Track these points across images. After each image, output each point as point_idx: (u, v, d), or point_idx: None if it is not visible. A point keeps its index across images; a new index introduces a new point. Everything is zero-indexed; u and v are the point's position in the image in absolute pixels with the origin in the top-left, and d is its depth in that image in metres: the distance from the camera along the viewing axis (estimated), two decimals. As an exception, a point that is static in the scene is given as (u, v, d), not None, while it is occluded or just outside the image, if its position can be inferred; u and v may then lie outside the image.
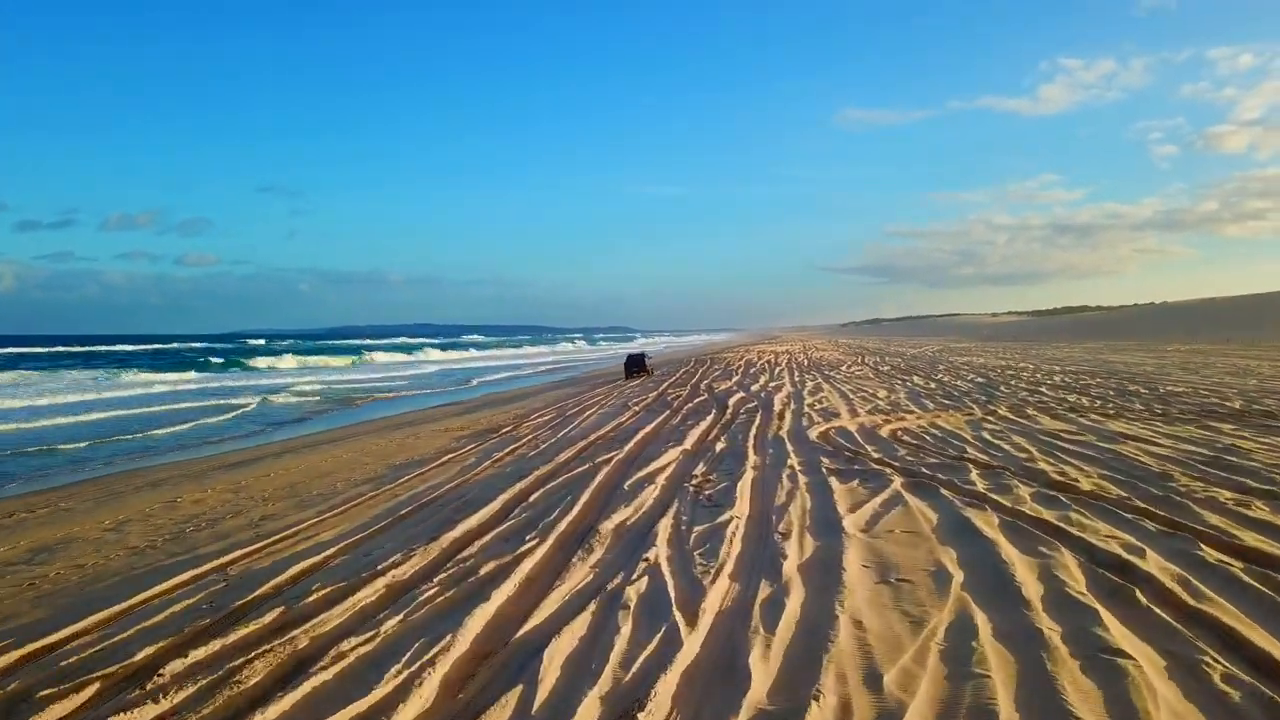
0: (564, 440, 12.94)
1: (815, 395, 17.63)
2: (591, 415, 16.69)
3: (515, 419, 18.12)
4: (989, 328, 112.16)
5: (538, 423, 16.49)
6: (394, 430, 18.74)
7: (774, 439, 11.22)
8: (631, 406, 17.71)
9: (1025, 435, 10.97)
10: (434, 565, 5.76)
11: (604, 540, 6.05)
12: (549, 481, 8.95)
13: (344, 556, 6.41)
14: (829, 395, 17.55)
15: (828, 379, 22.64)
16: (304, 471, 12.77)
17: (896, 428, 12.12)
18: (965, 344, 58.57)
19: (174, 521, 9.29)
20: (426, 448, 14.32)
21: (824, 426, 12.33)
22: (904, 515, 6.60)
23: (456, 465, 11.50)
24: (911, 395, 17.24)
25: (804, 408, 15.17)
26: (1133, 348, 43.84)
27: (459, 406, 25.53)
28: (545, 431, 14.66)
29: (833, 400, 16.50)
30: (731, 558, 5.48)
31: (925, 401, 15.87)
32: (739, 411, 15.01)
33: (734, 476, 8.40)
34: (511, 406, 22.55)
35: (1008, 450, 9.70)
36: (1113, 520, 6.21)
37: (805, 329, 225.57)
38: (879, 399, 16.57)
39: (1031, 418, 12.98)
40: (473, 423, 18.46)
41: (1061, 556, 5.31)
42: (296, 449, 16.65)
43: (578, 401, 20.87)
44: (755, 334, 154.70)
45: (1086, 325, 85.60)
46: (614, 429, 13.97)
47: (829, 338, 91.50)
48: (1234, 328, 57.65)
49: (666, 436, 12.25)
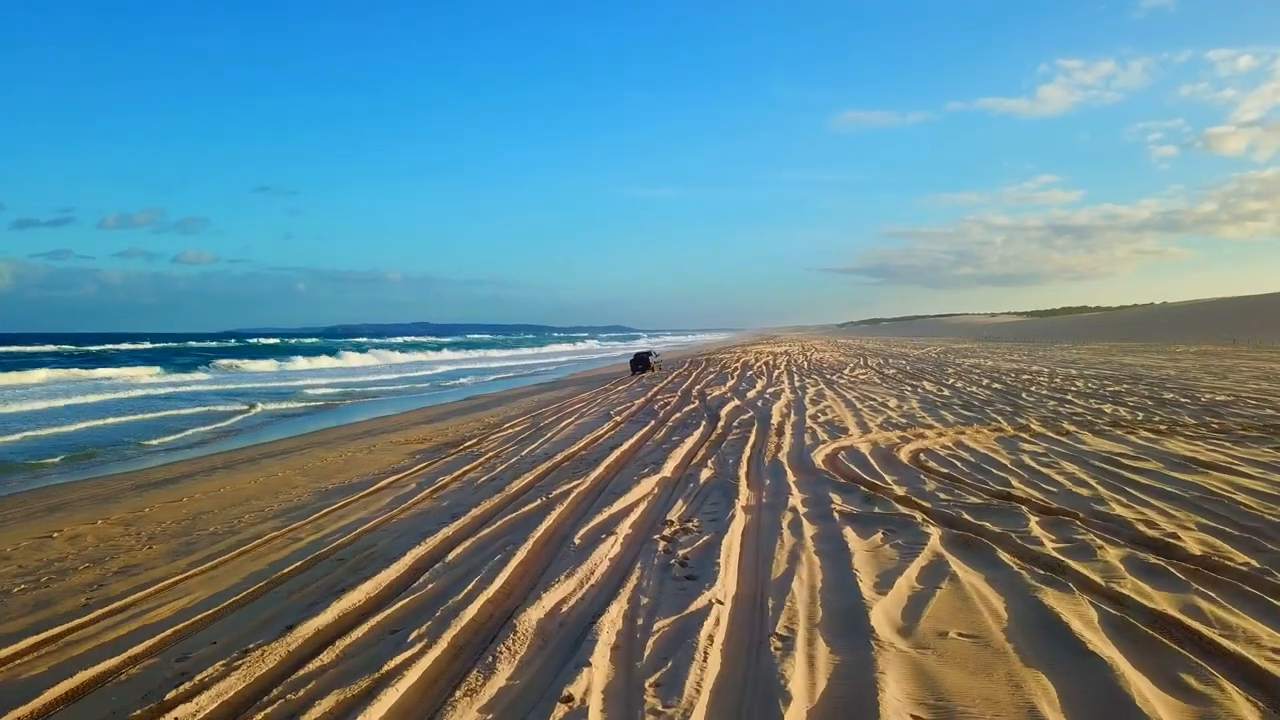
0: (526, 461, 10.94)
1: (818, 405, 15.61)
2: (568, 426, 14.68)
3: (484, 429, 16.12)
4: (988, 328, 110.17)
5: (506, 435, 14.48)
6: (352, 441, 16.72)
7: (772, 464, 9.19)
8: (614, 416, 15.70)
9: (1076, 460, 8.95)
10: (251, 693, 3.74)
11: (518, 647, 4.03)
12: (484, 526, 6.93)
13: (148, 662, 4.39)
14: (833, 405, 15.52)
15: (830, 385, 20.61)
16: (221, 497, 10.75)
17: (918, 448, 10.10)
18: (968, 345, 56.54)
19: (12, 573, 7.27)
20: (371, 466, 12.31)
21: (831, 446, 10.31)
22: (956, 599, 4.59)
23: (391, 494, 9.49)
24: (926, 405, 15.23)
25: (806, 420, 13.15)
26: (1141, 349, 41.82)
27: (436, 411, 23.50)
28: (510, 447, 12.65)
29: (838, 411, 14.48)
30: (703, 694, 3.46)
31: (943, 413, 13.85)
32: (732, 425, 12.99)
33: (719, 524, 6.38)
34: (488, 413, 20.54)
35: (1062, 483, 7.68)
36: (1265, 615, 4.21)
37: (803, 329, 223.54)
38: (890, 410, 14.55)
39: (1073, 435, 10.96)
40: (438, 433, 16.46)
41: (1229, 701, 3.29)
42: (235, 464, 14.62)
43: (559, 409, 18.86)
44: (753, 334, 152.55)
45: (1087, 326, 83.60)
46: (588, 445, 11.96)
47: (827, 338, 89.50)
48: (1235, 329, 55.75)
49: (645, 458, 10.23)
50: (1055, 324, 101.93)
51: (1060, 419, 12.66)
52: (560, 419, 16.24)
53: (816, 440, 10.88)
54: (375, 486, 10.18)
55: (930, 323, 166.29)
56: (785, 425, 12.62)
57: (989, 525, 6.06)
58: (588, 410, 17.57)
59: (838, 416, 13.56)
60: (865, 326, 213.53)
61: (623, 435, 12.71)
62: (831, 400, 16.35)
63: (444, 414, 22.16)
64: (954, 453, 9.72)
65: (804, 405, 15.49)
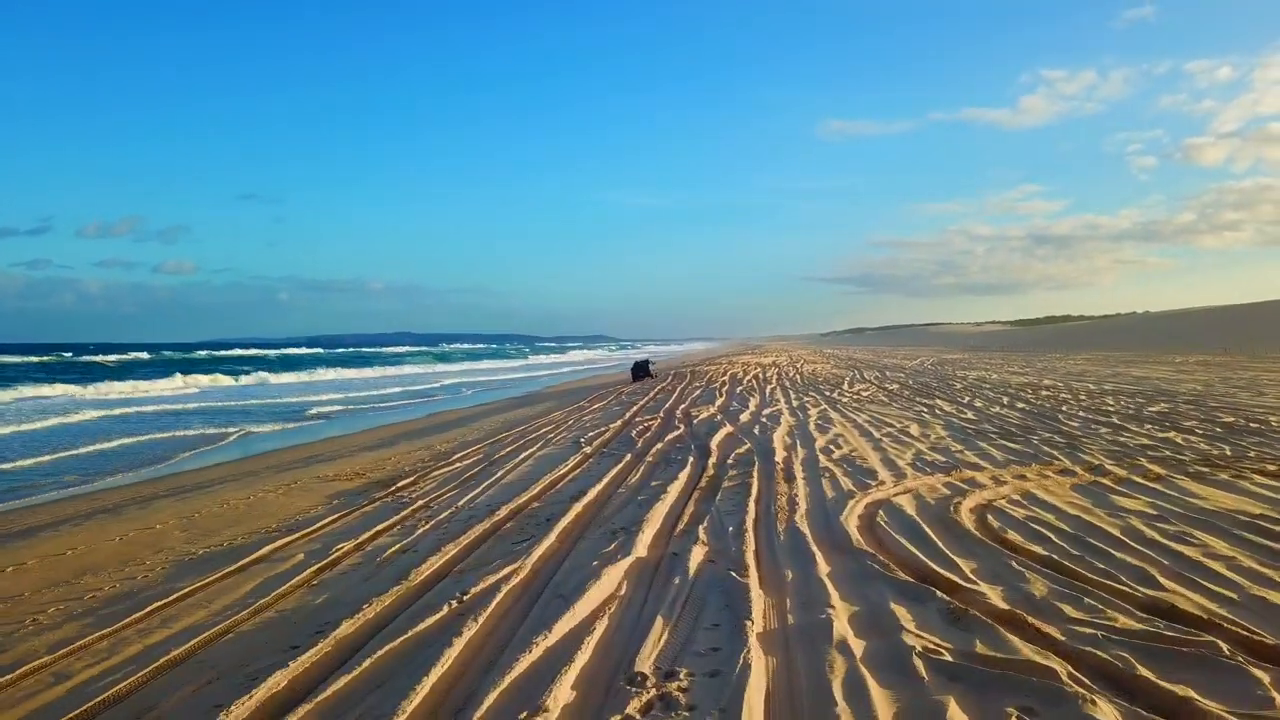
0: (460, 517, 8.25)
1: (826, 433, 12.99)
2: (526, 461, 12.00)
3: (431, 460, 13.42)
4: (974, 337, 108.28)
5: (452, 470, 11.80)
6: (277, 474, 13.97)
7: (789, 534, 6.54)
8: (584, 445, 13.03)
9: (1209, 526, 6.35)
10: None
11: None
12: (337, 673, 4.24)
13: None
14: (845, 433, 12.91)
15: (833, 404, 18.01)
16: (56, 566, 7.99)
17: (978, 504, 7.48)
18: (959, 355, 54.25)
19: None
20: (272, 517, 9.61)
21: (862, 501, 7.67)
22: None
23: (265, 572, 6.79)
24: (956, 433, 12.63)
25: (818, 455, 10.53)
26: (1139, 360, 39.52)
27: (390, 431, 20.72)
28: (449, 491, 9.97)
29: (853, 441, 11.86)
30: None
31: (982, 445, 11.26)
32: (726, 462, 10.34)
33: (724, 682, 3.74)
34: (444, 436, 17.81)
35: (1230, 578, 5.05)
36: None
37: (787, 339, 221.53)
38: (915, 440, 11.95)
39: (1167, 480, 8.39)
40: (377, 464, 13.75)
41: None
42: (123, 506, 11.80)
43: (523, 433, 16.18)
44: (736, 344, 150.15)
45: (1074, 335, 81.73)
46: (543, 492, 9.29)
47: (814, 348, 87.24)
48: (1221, 339, 53.89)
49: (613, 518, 7.56)
50: (1041, 333, 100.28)
51: (1131, 454, 10.10)
52: (521, 448, 13.56)
53: (839, 489, 8.25)
54: (255, 555, 7.47)
55: (915, 332, 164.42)
56: (794, 463, 9.99)
57: (1193, 694, 3.44)
58: (556, 435, 14.90)
59: (856, 451, 10.94)
60: (849, 335, 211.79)
61: (590, 476, 10.04)
62: (841, 426, 13.74)
63: (397, 436, 19.41)
64: (1031, 512, 7.10)
65: (810, 433, 12.87)
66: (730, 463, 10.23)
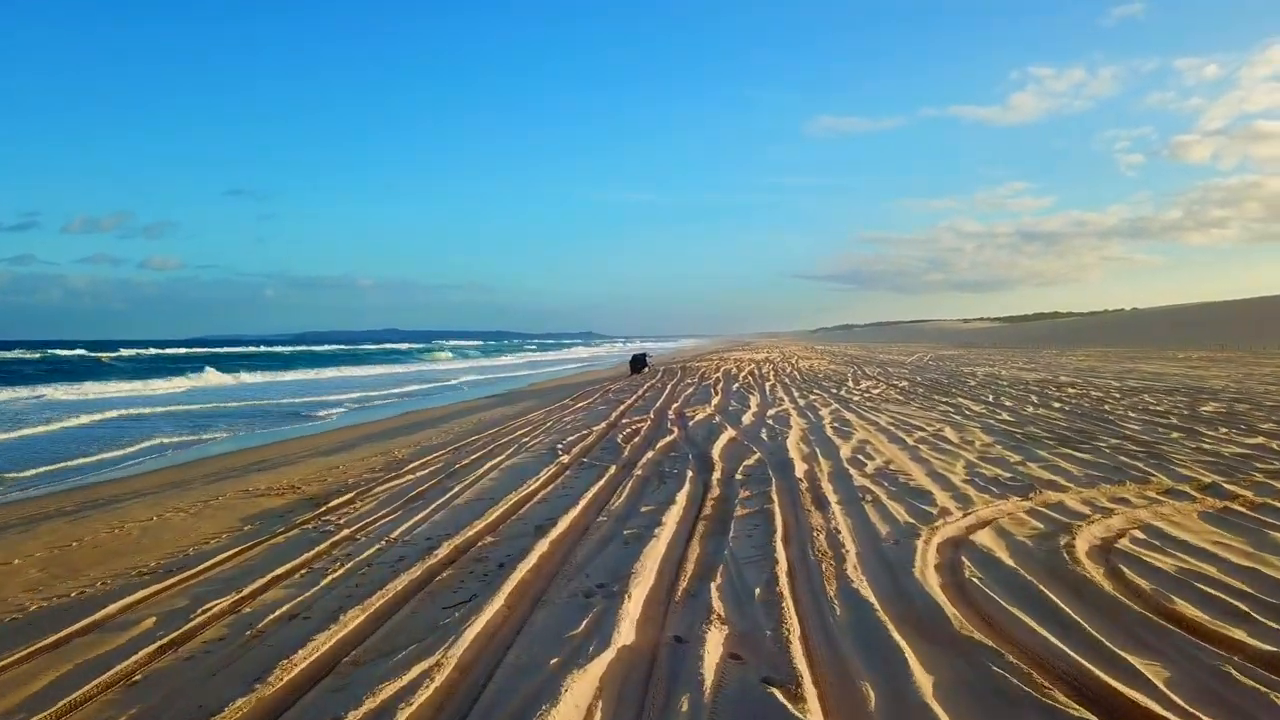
0: (388, 559, 6.11)
1: (848, 437, 10.89)
2: (491, 473, 9.86)
3: (383, 469, 11.28)
4: (964, 334, 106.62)
5: (402, 485, 9.67)
6: (205, 485, 11.80)
7: (845, 604, 4.41)
8: (560, 452, 10.91)
9: None
10: None
11: None
12: None
13: None
14: (871, 438, 10.81)
15: (845, 403, 15.92)
16: None
17: (1092, 544, 5.37)
18: (956, 351, 52.32)
19: None
20: (159, 550, 7.46)
21: (930, 540, 5.56)
22: None
23: (96, 648, 4.62)
24: (1001, 437, 10.55)
25: (847, 467, 8.42)
26: (1143, 356, 37.62)
27: (352, 434, 18.52)
28: (388, 515, 7.82)
29: (884, 448, 9.77)
30: None
31: (1040, 452, 9.18)
32: (734, 478, 8.22)
33: None
34: (407, 439, 15.65)
35: None
36: None
37: (776, 335, 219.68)
38: (956, 445, 9.87)
39: (1315, 506, 6.35)
40: (319, 475, 11.61)
41: None
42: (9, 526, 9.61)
43: (494, 436, 14.05)
44: (725, 340, 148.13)
45: (1066, 332, 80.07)
46: (502, 520, 7.15)
47: (805, 344, 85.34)
48: (1214, 335, 52.29)
49: (588, 565, 5.43)
50: (1030, 329, 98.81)
51: (1237, 467, 8.04)
52: (489, 455, 11.43)
53: (893, 520, 6.14)
54: (93, 618, 5.30)
55: (904, 328, 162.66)
56: (820, 479, 7.87)
57: None
58: (531, 440, 12.77)
59: (893, 462, 8.84)
60: (839, 332, 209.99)
61: (564, 496, 7.91)
62: (863, 430, 11.65)
63: (359, 438, 17.22)
64: (1178, 560, 5.00)
65: (829, 438, 10.78)
66: (739, 479, 8.12)
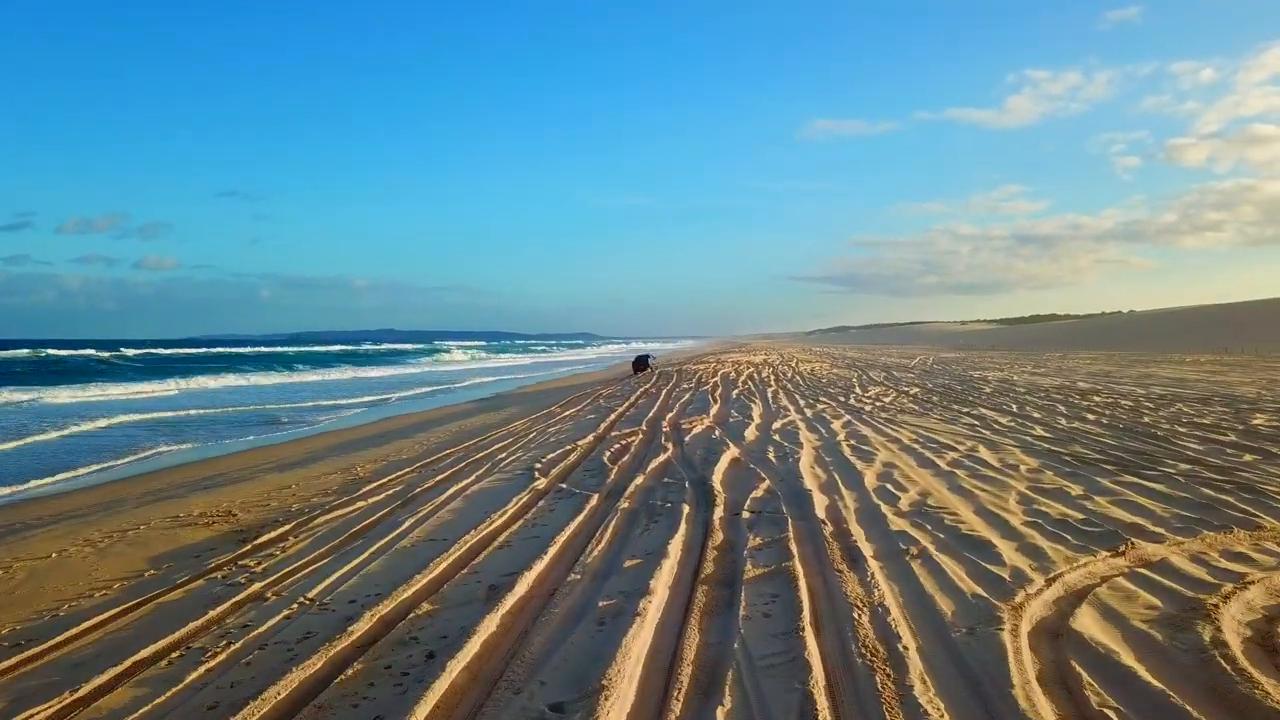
0: (277, 643, 4.57)
1: (869, 459, 9.36)
2: (453, 501, 8.34)
3: (331, 494, 9.78)
4: (961, 336, 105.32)
5: (344, 517, 8.15)
6: (134, 508, 10.27)
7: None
8: (537, 474, 9.40)
9: None
10: None
11: None
12: None
13: None
14: (896, 460, 9.27)
15: (856, 413, 14.41)
16: None
17: (1245, 634, 3.86)
18: (957, 354, 50.90)
19: None
20: (41, 600, 5.93)
21: (1019, 627, 4.02)
22: None
23: None
24: (1046, 459, 9.02)
25: (876, 503, 6.90)
26: (1150, 359, 36.25)
27: (321, 443, 16.97)
28: (310, 565, 6.30)
29: (913, 473, 8.25)
30: None
31: (1101, 480, 7.66)
32: (739, 516, 6.68)
33: None
34: (374, 452, 14.12)
35: None
36: None
37: (772, 337, 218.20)
38: (997, 470, 8.35)
39: None
40: (265, 497, 10.11)
41: None
42: None
43: (469, 450, 12.56)
44: (721, 342, 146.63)
45: (1063, 334, 78.84)
46: (449, 576, 5.63)
47: (802, 346, 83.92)
48: (1215, 338, 51.11)
49: (547, 661, 3.89)
50: (1027, 332, 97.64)
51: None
52: (456, 475, 9.93)
53: (951, 587, 4.63)
54: None
55: (899, 331, 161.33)
56: (847, 520, 6.36)
57: None
58: (507, 457, 11.25)
59: (929, 493, 7.32)
60: (834, 334, 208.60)
61: (532, 538, 6.40)
62: (884, 448, 10.14)
63: (327, 449, 15.66)
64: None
65: (847, 460, 9.27)
66: (747, 517, 6.60)
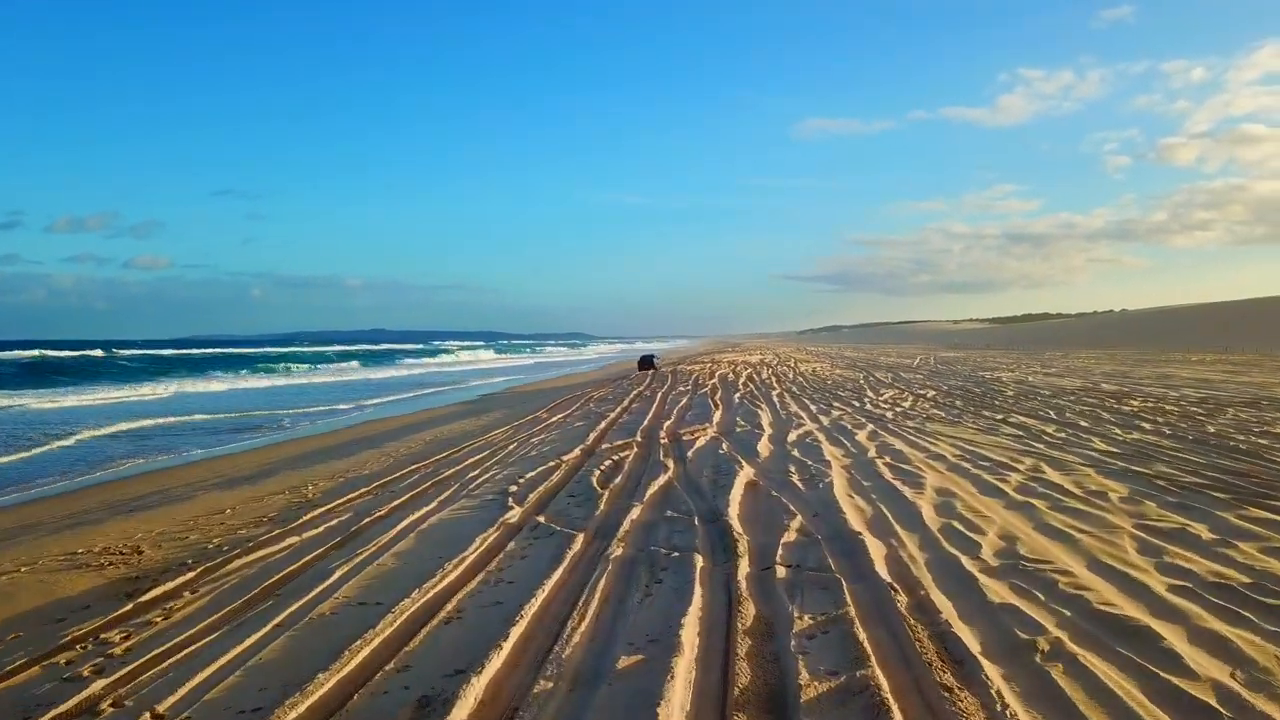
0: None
1: (910, 479, 7.63)
2: (401, 542, 6.59)
3: (265, 524, 8.04)
4: (956, 335, 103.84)
5: (267, 561, 6.43)
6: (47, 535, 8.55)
7: None
8: (511, 502, 7.65)
9: None
10: None
11: None
12: None
13: None
14: (947, 481, 7.53)
15: (879, 421, 12.66)
16: None
17: None
18: (956, 353, 49.26)
19: None
20: None
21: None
22: None
23: None
24: (1137, 484, 7.27)
25: (953, 553, 5.16)
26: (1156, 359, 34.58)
27: (283, 453, 15.18)
28: (192, 648, 4.54)
29: (981, 505, 6.51)
30: None
31: (1231, 518, 5.92)
32: (772, 572, 4.97)
33: None
34: (333, 466, 12.35)
35: None
36: None
37: (765, 336, 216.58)
38: (1079, 497, 6.63)
39: None
40: (189, 525, 8.41)
41: None
42: None
43: (439, 464, 10.84)
44: (714, 341, 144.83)
45: (1059, 333, 77.38)
46: (369, 670, 3.86)
47: (797, 345, 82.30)
48: (1212, 337, 49.73)
49: None
50: (1022, 330, 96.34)
51: None
52: (415, 501, 8.20)
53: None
54: None
55: (892, 329, 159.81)
56: (921, 581, 4.63)
57: None
58: (480, 475, 9.50)
59: (1016, 536, 5.59)
60: (826, 333, 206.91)
61: (490, 610, 4.65)
62: (928, 468, 8.39)
63: (284, 461, 13.85)
64: None
65: (888, 483, 7.52)
66: (783, 576, 4.86)
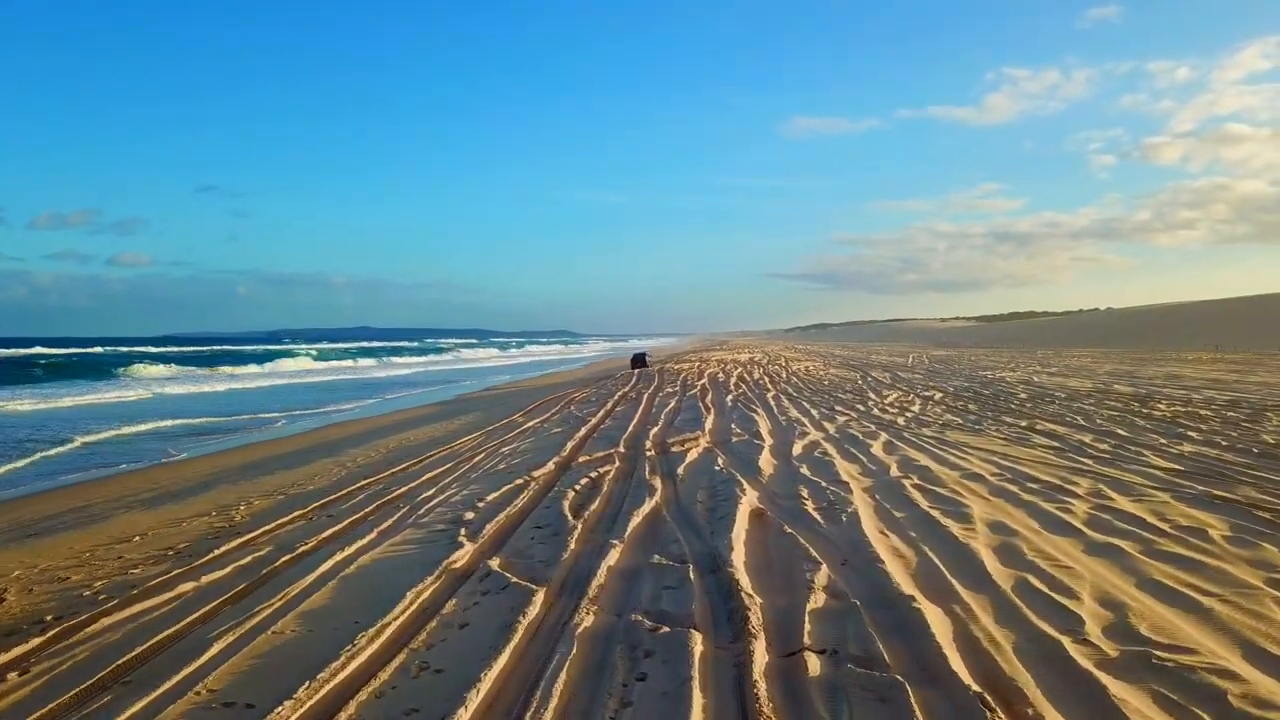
0: None
1: (950, 507, 6.20)
2: (317, 594, 5.09)
3: (166, 562, 6.53)
4: (943, 333, 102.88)
5: (147, 619, 4.93)
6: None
7: None
8: (464, 536, 6.19)
9: None
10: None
11: None
12: None
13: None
14: (998, 513, 6.09)
15: (890, 429, 11.24)
16: None
17: None
18: (947, 351, 48.03)
19: None
20: None
21: None
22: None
23: None
24: (1230, 515, 5.93)
25: (1052, 635, 3.70)
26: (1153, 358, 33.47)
27: (231, 460, 13.61)
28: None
29: (1055, 549, 5.06)
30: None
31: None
32: (803, 665, 3.55)
33: None
34: (277, 480, 10.84)
35: None
36: None
37: (751, 334, 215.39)
38: (1171, 535, 5.22)
39: None
40: (87, 554, 6.92)
41: None
42: None
43: (391, 480, 9.37)
44: (701, 339, 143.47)
45: (1046, 331, 76.43)
46: None
47: (785, 343, 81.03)
48: (1200, 335, 48.77)
49: None
50: (1010, 329, 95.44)
51: None
52: (350, 531, 6.72)
53: None
54: None
55: (879, 328, 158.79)
56: (1017, 682, 3.23)
57: None
58: (433, 495, 8.02)
59: (1116, 600, 4.16)
60: (814, 331, 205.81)
61: None
62: (967, 491, 6.98)
63: (223, 473, 12.27)
64: None
65: (927, 514, 6.10)
66: (818, 672, 3.44)
